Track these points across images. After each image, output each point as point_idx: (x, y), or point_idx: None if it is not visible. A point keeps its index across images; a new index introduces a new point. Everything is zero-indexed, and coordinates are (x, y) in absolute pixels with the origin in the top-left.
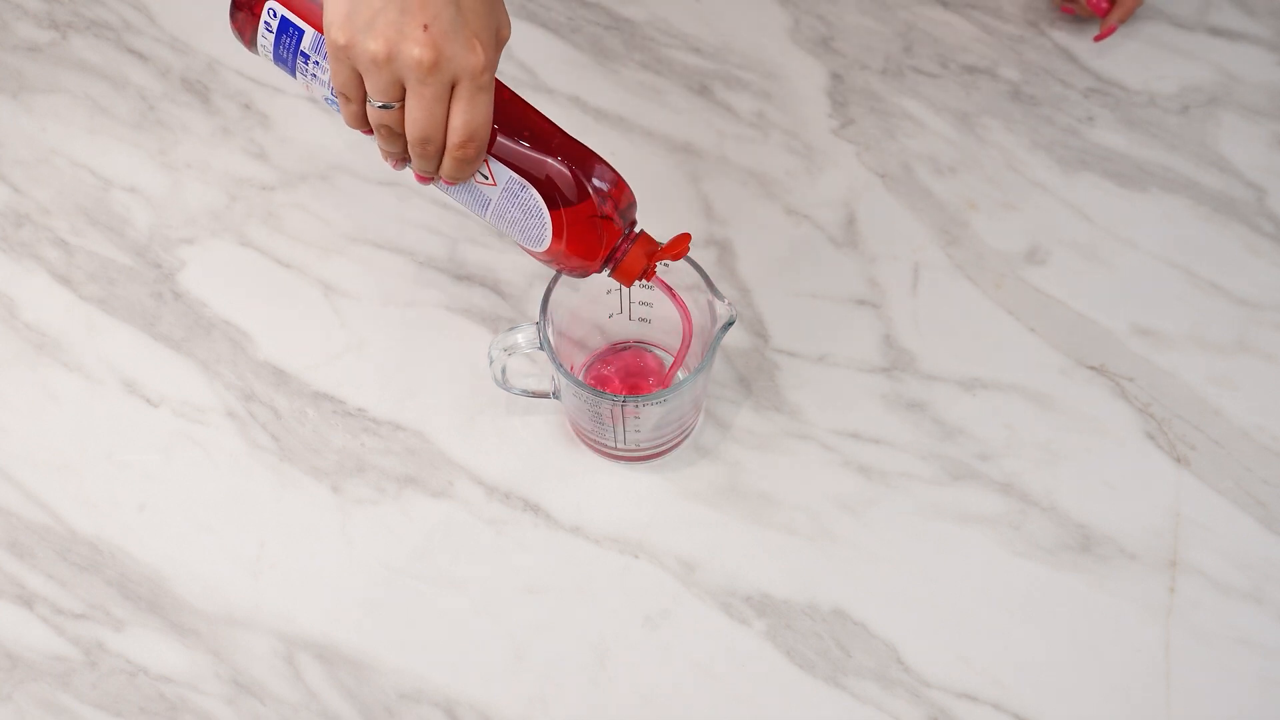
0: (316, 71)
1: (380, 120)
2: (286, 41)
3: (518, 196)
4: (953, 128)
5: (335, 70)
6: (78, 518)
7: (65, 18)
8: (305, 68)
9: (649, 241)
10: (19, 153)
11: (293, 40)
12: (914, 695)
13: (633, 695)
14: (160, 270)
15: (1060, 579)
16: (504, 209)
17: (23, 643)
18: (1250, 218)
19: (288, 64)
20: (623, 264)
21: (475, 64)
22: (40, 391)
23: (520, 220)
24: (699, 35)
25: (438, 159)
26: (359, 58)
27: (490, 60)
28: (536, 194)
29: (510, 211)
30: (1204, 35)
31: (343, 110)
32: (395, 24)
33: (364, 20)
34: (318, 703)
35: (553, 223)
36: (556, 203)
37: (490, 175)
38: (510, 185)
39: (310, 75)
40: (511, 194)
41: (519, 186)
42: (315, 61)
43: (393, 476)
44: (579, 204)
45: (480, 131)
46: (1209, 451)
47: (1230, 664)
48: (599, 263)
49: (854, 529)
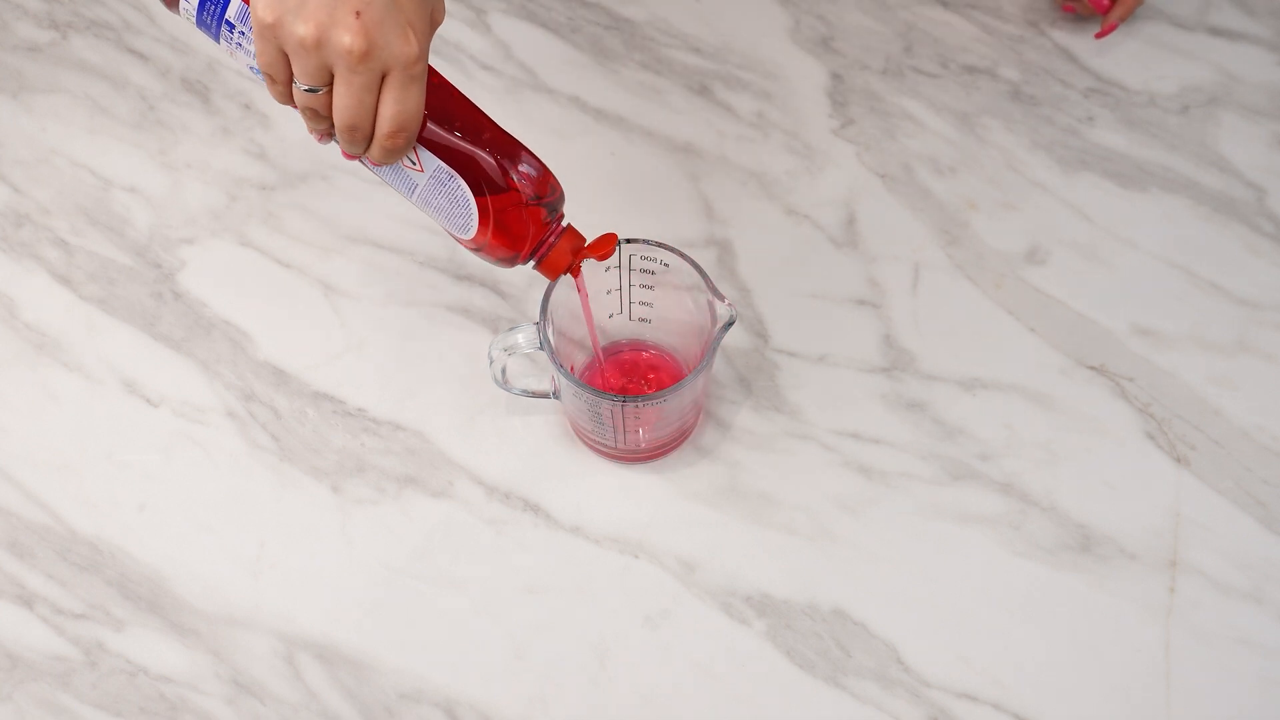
0: (242, 42)
1: (306, 103)
2: (210, 8)
3: (445, 184)
4: (953, 128)
5: (260, 49)
6: (78, 518)
7: (65, 18)
8: (230, 36)
9: (576, 237)
10: (19, 152)
11: (217, 7)
12: (914, 695)
13: (633, 695)
14: (160, 270)
15: (1060, 579)
16: (430, 195)
17: (23, 643)
18: (1250, 218)
19: (211, 30)
20: (548, 258)
21: (408, 54)
22: (40, 391)
23: (447, 208)
24: (699, 35)
25: (365, 144)
26: (286, 39)
27: (423, 49)
28: (463, 182)
29: (437, 198)
30: (1204, 35)
31: (268, 88)
32: (326, 7)
33: (294, 0)
34: (318, 702)
35: (478, 211)
36: (483, 190)
37: (418, 161)
38: (438, 173)
39: (235, 44)
40: (439, 181)
41: (446, 175)
42: (240, 33)
43: (393, 476)
44: (505, 193)
45: (411, 122)
46: (1209, 451)
47: (1230, 664)
48: (525, 254)
49: (854, 529)
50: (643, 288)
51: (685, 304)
